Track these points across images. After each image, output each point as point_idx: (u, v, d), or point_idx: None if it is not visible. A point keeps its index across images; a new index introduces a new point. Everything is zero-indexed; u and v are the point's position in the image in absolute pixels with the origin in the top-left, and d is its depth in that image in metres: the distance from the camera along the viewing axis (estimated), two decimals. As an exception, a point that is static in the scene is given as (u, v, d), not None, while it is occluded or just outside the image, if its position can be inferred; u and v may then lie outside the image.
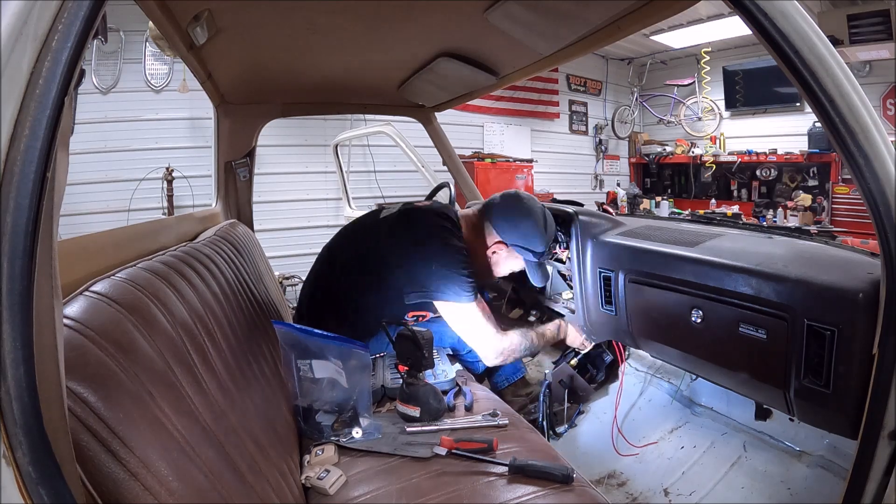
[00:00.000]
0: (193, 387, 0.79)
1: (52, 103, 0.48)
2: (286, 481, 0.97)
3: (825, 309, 0.96)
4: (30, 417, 0.46)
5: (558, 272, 1.86)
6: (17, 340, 0.46)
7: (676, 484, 1.52)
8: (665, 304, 1.36)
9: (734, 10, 0.78)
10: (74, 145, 0.68)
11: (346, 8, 1.28)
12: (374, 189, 5.23)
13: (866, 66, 5.36)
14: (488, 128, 6.58)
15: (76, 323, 0.63)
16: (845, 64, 0.77)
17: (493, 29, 1.37)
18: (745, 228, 1.57)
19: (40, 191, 0.48)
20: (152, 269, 0.91)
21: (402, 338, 1.28)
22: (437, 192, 2.15)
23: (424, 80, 1.91)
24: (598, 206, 5.99)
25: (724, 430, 1.58)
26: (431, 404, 1.26)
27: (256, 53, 1.60)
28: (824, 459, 1.32)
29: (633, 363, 1.98)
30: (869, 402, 0.78)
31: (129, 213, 4.28)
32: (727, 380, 1.32)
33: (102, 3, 0.51)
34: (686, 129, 7.22)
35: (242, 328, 1.17)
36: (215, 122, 2.07)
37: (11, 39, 0.48)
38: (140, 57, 4.38)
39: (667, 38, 6.52)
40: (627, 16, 1.23)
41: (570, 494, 0.97)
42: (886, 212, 0.73)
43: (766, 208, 5.81)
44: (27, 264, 0.47)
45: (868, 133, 0.74)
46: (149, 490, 0.58)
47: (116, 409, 0.59)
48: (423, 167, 2.76)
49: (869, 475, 0.77)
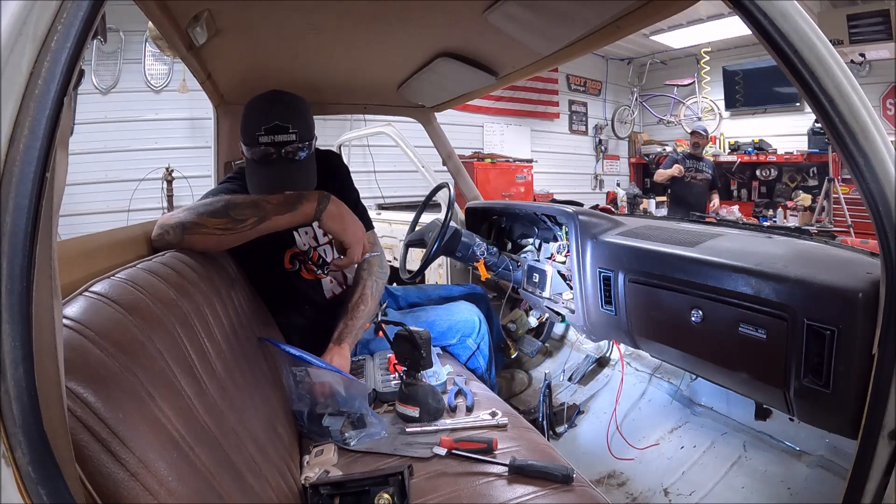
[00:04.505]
0: (193, 387, 0.79)
1: (52, 103, 0.48)
2: (286, 481, 0.97)
3: (825, 309, 0.96)
4: (29, 417, 0.46)
5: (558, 272, 1.86)
6: (16, 340, 0.46)
7: (676, 484, 1.52)
8: (665, 304, 1.36)
9: (734, 10, 0.78)
10: (74, 145, 0.68)
11: (346, 8, 1.28)
12: (374, 189, 5.23)
13: (866, 66, 5.36)
14: (488, 128, 6.59)
15: (76, 323, 0.63)
16: (844, 64, 0.77)
17: (492, 29, 1.37)
18: (745, 228, 1.57)
19: (40, 191, 0.48)
20: (152, 270, 0.91)
21: (399, 338, 1.28)
22: (437, 192, 2.15)
23: (424, 80, 1.91)
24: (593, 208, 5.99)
25: (724, 430, 1.58)
26: (431, 404, 1.26)
27: (256, 53, 1.60)
28: (824, 459, 1.32)
29: (633, 363, 1.98)
30: (869, 402, 0.78)
31: (129, 214, 4.28)
32: (727, 379, 1.32)
33: (102, 4, 0.52)
34: (686, 129, 7.22)
35: (242, 328, 1.17)
36: (215, 122, 2.07)
37: (11, 39, 0.48)
38: (140, 57, 4.38)
39: (667, 38, 6.53)
40: (627, 16, 1.23)
41: (570, 494, 0.97)
42: (886, 212, 0.73)
43: (766, 208, 5.82)
44: (27, 264, 0.47)
45: (868, 133, 0.74)
46: (148, 490, 0.58)
47: (116, 409, 0.59)
48: (422, 167, 2.76)
49: (869, 475, 0.77)
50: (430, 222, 2.05)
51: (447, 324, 1.73)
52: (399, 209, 3.79)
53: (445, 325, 1.72)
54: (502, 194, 5.54)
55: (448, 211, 1.94)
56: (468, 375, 1.59)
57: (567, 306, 1.81)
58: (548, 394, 1.84)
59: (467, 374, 1.60)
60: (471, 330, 1.73)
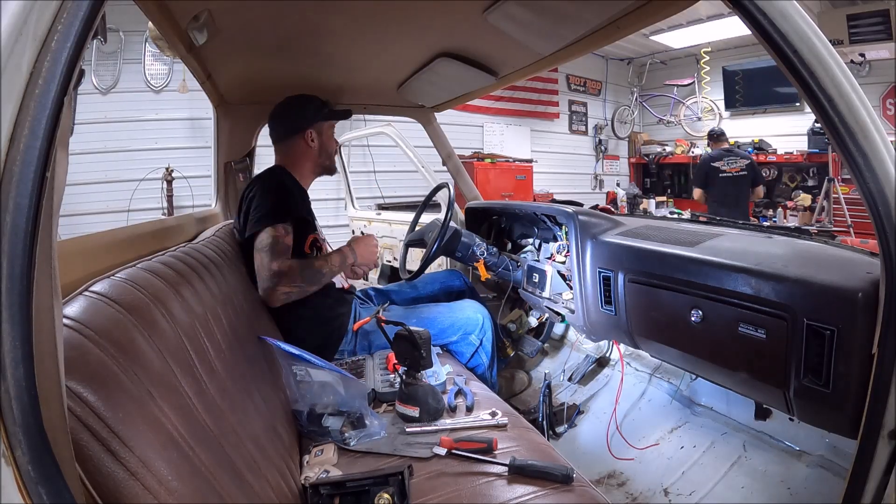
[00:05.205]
0: (193, 387, 0.79)
1: (52, 103, 0.48)
2: (286, 481, 0.97)
3: (825, 308, 0.96)
4: (29, 417, 0.46)
5: (558, 272, 1.86)
6: (16, 340, 0.46)
7: (676, 484, 1.52)
8: (665, 304, 1.36)
9: (734, 10, 0.78)
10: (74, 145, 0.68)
11: (346, 8, 1.28)
12: (374, 189, 5.23)
13: (866, 66, 5.36)
14: (488, 128, 6.59)
15: (76, 323, 0.63)
16: (844, 64, 0.77)
17: (492, 29, 1.37)
18: (744, 228, 1.57)
19: (40, 191, 0.48)
20: (152, 269, 0.91)
21: (399, 338, 1.28)
22: (437, 192, 2.15)
23: (424, 80, 1.91)
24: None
25: (724, 430, 1.58)
26: (430, 404, 1.26)
27: (256, 54, 1.60)
28: (824, 459, 1.32)
29: (633, 363, 1.98)
30: (868, 402, 0.78)
31: (128, 214, 4.28)
32: (727, 379, 1.32)
33: (102, 4, 0.52)
34: (686, 129, 7.23)
35: (242, 328, 1.17)
36: (215, 122, 2.07)
37: (11, 39, 0.48)
38: (140, 57, 4.38)
39: (667, 38, 6.53)
40: (627, 16, 1.24)
41: (570, 494, 0.97)
42: (886, 212, 0.73)
43: (766, 208, 5.82)
44: (27, 264, 0.47)
45: (867, 133, 0.74)
46: (148, 490, 0.58)
47: (116, 409, 0.59)
48: (422, 167, 2.76)
49: (869, 475, 0.77)
50: (430, 222, 2.05)
51: (449, 321, 1.73)
52: (399, 209, 3.78)
53: (447, 322, 1.73)
54: (502, 194, 5.54)
55: (448, 211, 1.94)
56: (468, 375, 1.59)
57: (567, 306, 1.81)
58: (548, 394, 1.84)
59: (467, 374, 1.60)
60: (473, 327, 1.73)
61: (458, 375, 1.50)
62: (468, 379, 1.52)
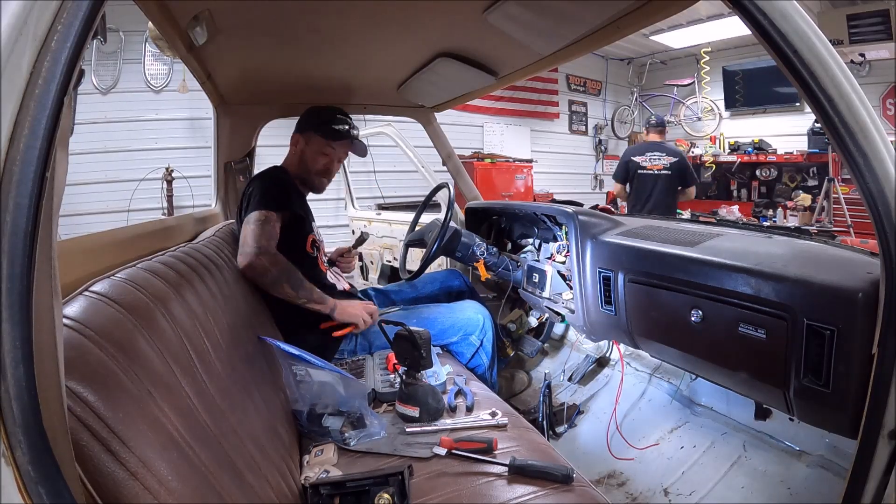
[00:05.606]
0: (193, 387, 0.79)
1: (52, 103, 0.48)
2: (286, 481, 0.97)
3: (825, 308, 0.96)
4: (29, 417, 0.46)
5: (558, 272, 1.86)
6: (16, 340, 0.46)
7: (676, 484, 1.52)
8: (665, 304, 1.36)
9: (734, 11, 0.78)
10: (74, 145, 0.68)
11: (346, 8, 1.28)
12: (374, 189, 5.23)
13: (866, 66, 5.36)
14: (488, 128, 6.59)
15: (76, 323, 0.63)
16: (844, 64, 0.77)
17: (492, 29, 1.37)
18: (744, 228, 1.57)
19: (40, 190, 0.48)
20: (152, 269, 0.91)
21: (399, 338, 1.28)
22: (437, 192, 2.15)
23: (424, 80, 1.91)
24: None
25: (724, 430, 1.58)
26: (430, 404, 1.26)
27: (256, 54, 1.60)
28: (824, 459, 1.32)
29: (633, 363, 1.98)
30: (868, 402, 0.78)
31: (128, 214, 4.28)
32: (727, 379, 1.32)
33: (102, 4, 0.52)
34: (686, 129, 7.23)
35: (242, 328, 1.17)
36: (215, 122, 2.07)
37: (11, 39, 0.48)
38: (140, 57, 4.38)
39: (666, 38, 6.53)
40: (627, 16, 1.24)
41: (570, 494, 0.97)
42: (886, 212, 0.73)
43: (766, 208, 5.82)
44: (27, 264, 0.47)
45: (867, 133, 0.74)
46: (148, 490, 0.58)
47: (116, 409, 0.59)
48: (422, 167, 2.76)
49: (869, 475, 0.77)
50: (430, 222, 2.05)
51: (450, 321, 1.73)
52: (399, 209, 3.79)
53: (448, 322, 1.73)
54: (502, 194, 5.54)
55: (448, 211, 1.94)
56: (468, 375, 1.59)
57: (567, 306, 1.81)
58: (548, 394, 1.84)
59: (467, 374, 1.60)
60: (474, 328, 1.73)
61: (458, 375, 1.50)
62: (468, 379, 1.52)
